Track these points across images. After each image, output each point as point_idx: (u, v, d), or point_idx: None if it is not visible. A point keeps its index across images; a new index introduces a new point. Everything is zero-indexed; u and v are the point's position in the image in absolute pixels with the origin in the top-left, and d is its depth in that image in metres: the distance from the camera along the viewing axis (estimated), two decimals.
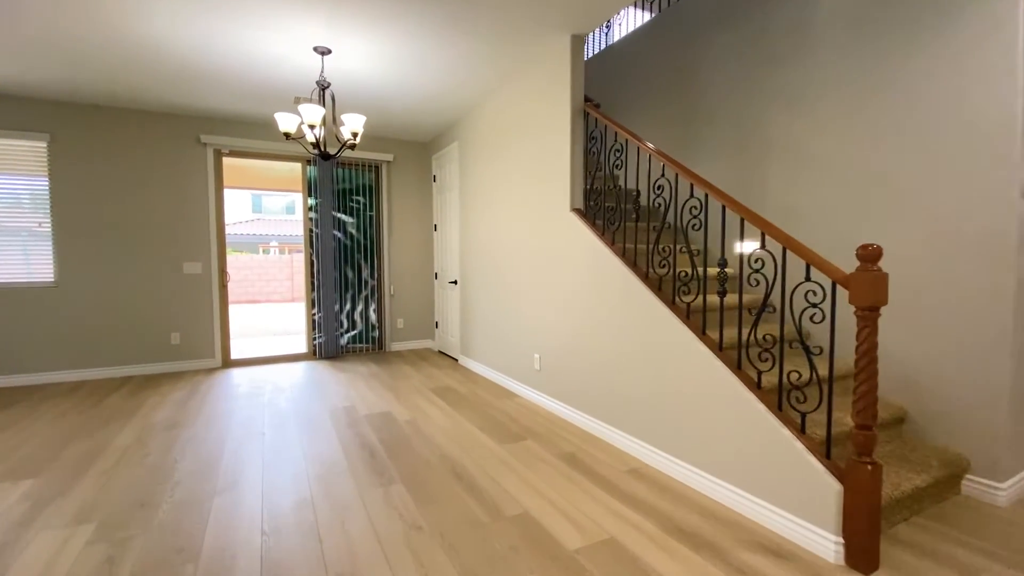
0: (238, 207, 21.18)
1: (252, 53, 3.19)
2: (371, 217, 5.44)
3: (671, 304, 2.33)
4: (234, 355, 5.26)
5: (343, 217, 5.28)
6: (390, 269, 5.55)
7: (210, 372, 4.58)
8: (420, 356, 5.29)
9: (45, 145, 4.10)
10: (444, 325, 5.36)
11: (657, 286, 2.46)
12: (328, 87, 3.20)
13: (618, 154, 2.70)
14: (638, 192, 2.53)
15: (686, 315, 2.29)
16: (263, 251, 18.94)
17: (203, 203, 4.65)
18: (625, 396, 2.63)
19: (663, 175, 2.39)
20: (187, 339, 4.65)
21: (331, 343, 5.18)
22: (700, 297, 2.65)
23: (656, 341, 2.40)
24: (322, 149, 3.23)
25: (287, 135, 3.10)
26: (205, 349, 4.73)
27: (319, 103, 3.64)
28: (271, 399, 3.68)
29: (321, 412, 3.36)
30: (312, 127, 3.01)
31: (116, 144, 4.32)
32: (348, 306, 5.34)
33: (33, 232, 4.12)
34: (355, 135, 3.17)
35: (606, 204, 2.88)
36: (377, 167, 5.44)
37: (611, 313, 2.71)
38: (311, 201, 5.09)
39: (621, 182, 3.89)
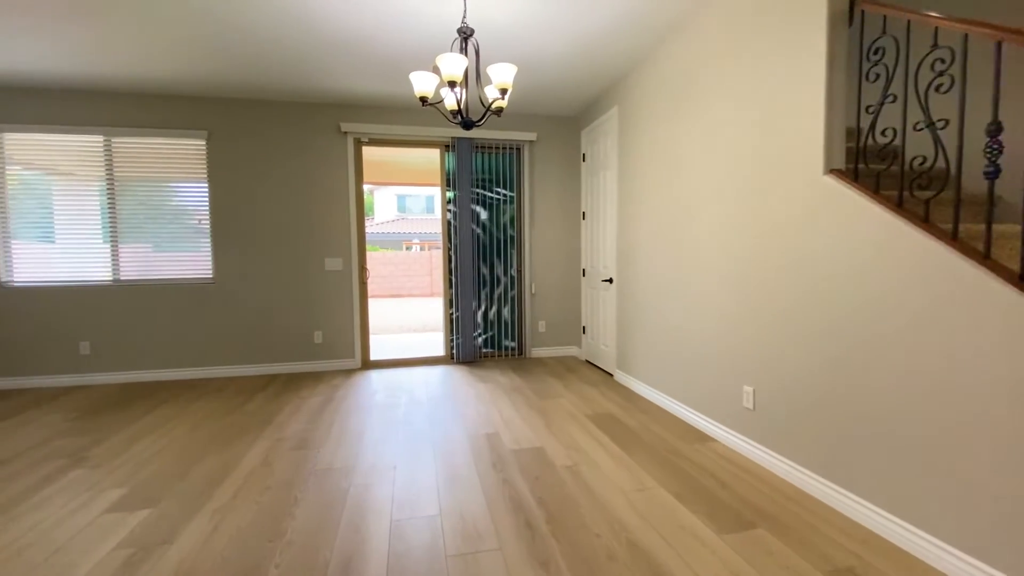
0: (385, 208, 22.79)
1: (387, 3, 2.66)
2: (511, 207, 4.80)
3: None
4: (373, 355, 5.03)
5: (481, 209, 4.72)
6: (531, 265, 4.86)
7: (349, 374, 4.34)
8: (566, 366, 4.51)
9: (204, 143, 4.14)
10: (594, 331, 4.52)
11: None
12: (471, 36, 2.54)
13: (942, 65, 1.58)
14: (998, 126, 1.40)
15: None
16: (406, 248, 20.05)
17: (343, 195, 4.41)
18: (957, 478, 1.52)
19: None
20: (329, 338, 4.47)
21: (468, 346, 4.66)
22: None
23: None
24: (464, 116, 2.59)
25: (423, 100, 2.51)
26: (345, 349, 4.52)
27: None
28: (406, 414, 3.19)
29: (460, 440, 2.74)
30: (453, 85, 2.36)
31: (263, 139, 4.24)
32: (485, 306, 4.78)
33: (196, 229, 4.20)
34: (503, 92, 2.46)
35: (910, 160, 1.76)
36: (518, 149, 4.78)
37: (917, 336, 1.60)
38: (449, 194, 4.61)
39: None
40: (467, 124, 2.54)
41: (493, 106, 2.58)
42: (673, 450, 2.55)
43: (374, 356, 4.90)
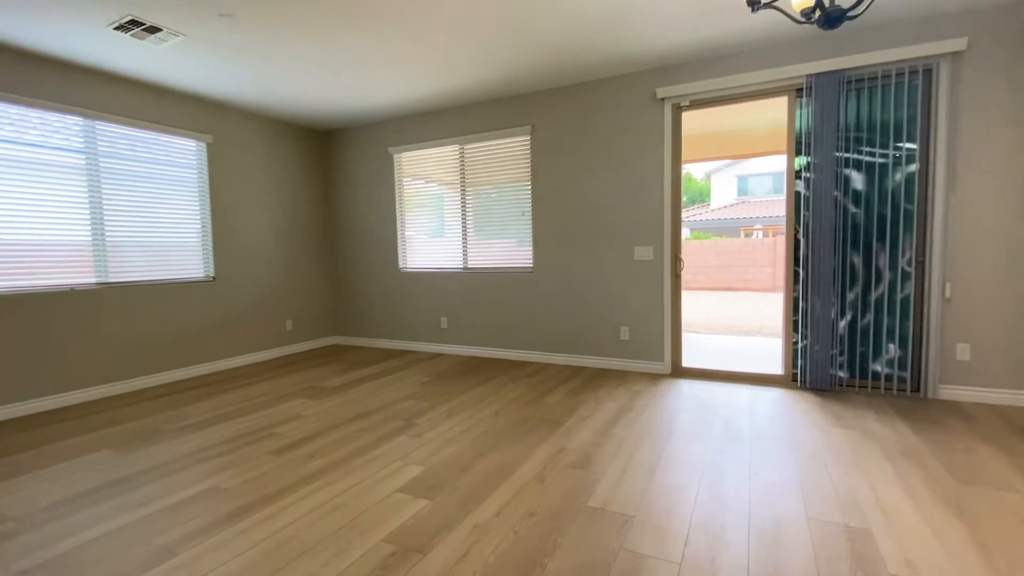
0: (723, 192, 20.86)
1: None
2: (905, 166, 3.14)
3: None
4: (686, 361, 4.29)
5: (854, 174, 3.27)
6: (944, 253, 3.08)
7: (655, 380, 3.77)
8: (1012, 423, 2.64)
9: (529, 137, 4.31)
10: None
11: None
12: None
13: None
14: None
15: None
16: (744, 235, 17.81)
17: (658, 174, 3.83)
18: None
19: None
20: (636, 335, 4.02)
21: (821, 368, 3.35)
22: None
23: None
24: (825, 5, 1.59)
25: (753, 2, 1.65)
26: (653, 350, 3.97)
27: None
28: (717, 455, 2.40)
29: (798, 527, 1.78)
30: None
31: (576, 123, 4.09)
32: (853, 312, 3.32)
33: (522, 221, 4.46)
34: None
35: None
36: (927, 71, 3.06)
37: None
38: (800, 160, 3.38)
39: None
40: (831, 19, 1.54)
41: None
42: None
43: (687, 362, 4.16)
